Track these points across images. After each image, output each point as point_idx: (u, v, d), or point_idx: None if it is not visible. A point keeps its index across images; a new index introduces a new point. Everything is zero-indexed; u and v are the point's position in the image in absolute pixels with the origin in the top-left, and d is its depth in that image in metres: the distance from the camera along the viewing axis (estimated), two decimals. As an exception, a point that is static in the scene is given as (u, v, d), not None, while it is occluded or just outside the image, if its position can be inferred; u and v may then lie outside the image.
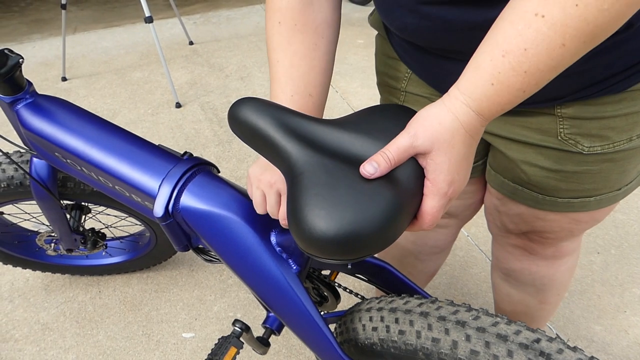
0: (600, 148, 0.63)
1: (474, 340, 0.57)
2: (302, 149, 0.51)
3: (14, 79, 0.80)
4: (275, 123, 0.52)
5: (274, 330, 0.84)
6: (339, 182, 0.48)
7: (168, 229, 0.75)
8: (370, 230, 0.46)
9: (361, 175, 0.49)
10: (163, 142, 2.12)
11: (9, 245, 1.31)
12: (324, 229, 0.46)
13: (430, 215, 0.51)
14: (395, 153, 0.48)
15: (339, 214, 0.46)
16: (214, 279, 1.50)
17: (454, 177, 0.49)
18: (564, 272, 0.91)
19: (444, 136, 0.47)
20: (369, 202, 0.47)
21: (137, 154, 0.76)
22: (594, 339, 1.33)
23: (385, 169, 0.48)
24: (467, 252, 1.58)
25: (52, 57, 2.87)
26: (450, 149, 0.47)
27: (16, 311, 1.41)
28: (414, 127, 0.48)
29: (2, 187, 1.03)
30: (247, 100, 0.54)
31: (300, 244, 0.49)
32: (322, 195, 0.47)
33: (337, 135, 0.53)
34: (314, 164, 0.50)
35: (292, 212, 0.49)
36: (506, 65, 0.43)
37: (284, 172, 0.53)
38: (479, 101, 0.46)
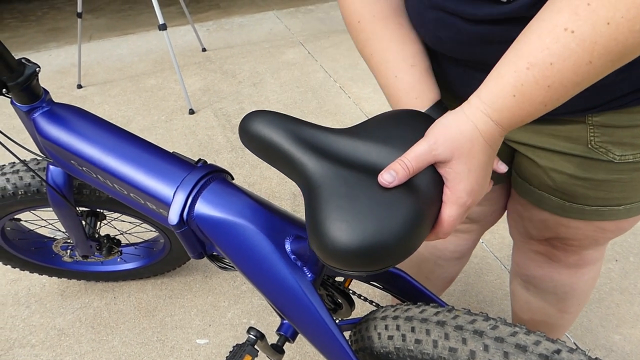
0: (632, 157, 0.62)
1: (492, 350, 0.56)
2: (318, 160, 0.51)
3: (31, 88, 0.81)
4: (289, 135, 0.52)
5: (288, 337, 0.84)
6: (358, 193, 0.48)
7: (183, 237, 0.75)
8: (393, 241, 0.46)
9: (380, 184, 0.48)
10: (176, 148, 2.14)
11: (26, 252, 1.32)
12: (346, 241, 0.46)
13: (448, 224, 0.50)
14: (414, 161, 0.48)
15: (361, 225, 0.46)
16: (228, 285, 1.51)
17: (473, 187, 0.49)
18: (586, 282, 0.89)
19: (464, 145, 0.47)
20: (390, 211, 0.46)
21: (152, 162, 0.77)
22: (613, 348, 1.31)
23: (404, 177, 0.48)
24: (482, 259, 1.57)
25: (67, 65, 2.91)
26: (470, 158, 0.47)
27: (33, 317, 1.43)
28: (434, 135, 0.48)
29: (20, 194, 1.05)
30: (258, 114, 0.54)
31: (321, 257, 0.49)
32: (342, 208, 0.47)
33: (353, 144, 0.52)
34: (331, 176, 0.49)
35: (312, 226, 0.49)
36: (530, 79, 0.43)
37: (301, 185, 0.52)
38: (500, 112, 0.45)
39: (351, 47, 2.95)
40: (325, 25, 3.27)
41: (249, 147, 0.55)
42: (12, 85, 0.78)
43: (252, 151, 0.55)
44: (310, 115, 2.31)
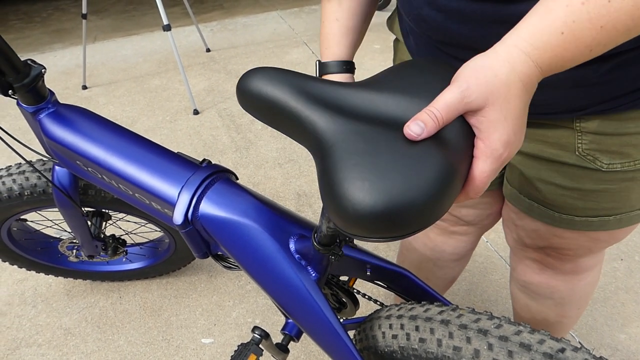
0: (620, 165, 0.61)
1: (496, 349, 0.56)
2: (329, 116, 0.44)
3: (36, 89, 0.82)
4: (294, 91, 0.46)
5: (293, 336, 0.84)
6: (380, 148, 0.41)
7: (187, 236, 0.75)
8: (423, 199, 0.40)
9: (404, 138, 0.42)
10: (181, 149, 2.14)
11: (32, 252, 1.33)
12: (370, 202, 0.39)
13: (480, 181, 0.44)
14: (443, 110, 0.41)
15: (386, 183, 0.40)
16: (233, 284, 1.51)
17: (509, 137, 0.42)
18: (583, 287, 0.88)
19: (499, 89, 0.41)
20: (418, 167, 0.40)
21: (157, 162, 0.77)
22: (618, 347, 1.30)
23: (433, 129, 0.42)
24: (486, 258, 1.57)
25: (72, 66, 2.92)
26: (506, 104, 0.41)
27: (39, 316, 1.44)
28: (465, 80, 0.41)
29: (26, 194, 1.05)
30: (258, 70, 0.48)
31: (341, 225, 0.43)
32: (362, 165, 0.41)
33: (368, 97, 0.46)
34: (346, 132, 0.43)
35: (328, 190, 0.42)
36: (583, 15, 0.38)
37: (311, 148, 0.46)
38: (542, 50, 0.40)
39: (355, 46, 2.95)
40: (329, 25, 3.27)
41: (249, 110, 0.49)
42: (18, 86, 0.79)
43: (253, 114, 0.49)
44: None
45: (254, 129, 2.24)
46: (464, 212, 0.92)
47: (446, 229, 0.98)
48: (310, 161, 2.02)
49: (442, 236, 1.00)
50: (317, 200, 1.82)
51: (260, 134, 2.21)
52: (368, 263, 0.78)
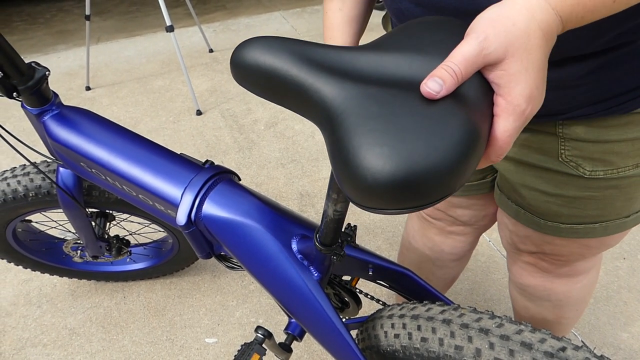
0: (602, 173, 0.61)
1: (497, 348, 0.56)
2: (336, 83, 0.40)
3: (40, 91, 0.83)
4: (295, 59, 0.42)
5: (296, 336, 0.85)
6: (397, 111, 0.38)
7: (191, 237, 0.76)
8: (449, 163, 0.36)
9: (421, 98, 0.39)
10: (184, 149, 2.15)
11: (37, 253, 1.34)
12: (392, 169, 0.36)
13: (503, 141, 0.40)
14: (462, 64, 0.38)
15: (408, 147, 0.36)
16: (236, 284, 1.52)
17: (532, 91, 0.39)
18: (580, 289, 0.88)
19: (519, 39, 0.38)
20: (441, 128, 0.37)
21: (160, 163, 0.78)
22: (620, 346, 1.30)
23: (452, 86, 0.38)
24: (489, 258, 1.57)
25: (76, 67, 2.93)
26: (526, 55, 0.38)
27: (44, 316, 1.45)
28: (483, 31, 0.38)
29: (31, 196, 1.06)
30: (253, 40, 0.44)
31: (359, 199, 0.39)
32: (378, 130, 0.37)
33: (377, 59, 0.42)
34: (357, 97, 0.39)
35: (341, 161, 0.38)
36: None
37: (318, 120, 0.42)
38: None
39: (357, 46, 2.95)
40: (331, 25, 3.27)
41: (246, 84, 0.45)
42: (22, 89, 0.80)
43: (251, 88, 0.45)
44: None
45: (256, 130, 2.25)
46: (459, 212, 0.92)
47: (443, 229, 0.98)
48: (313, 161, 2.03)
49: (439, 236, 1.01)
50: (319, 200, 1.82)
51: (263, 134, 2.21)
52: (370, 263, 0.79)
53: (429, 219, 0.99)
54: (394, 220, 1.73)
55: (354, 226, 0.76)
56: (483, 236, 1.64)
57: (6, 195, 1.06)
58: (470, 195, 0.87)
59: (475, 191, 0.86)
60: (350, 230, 0.75)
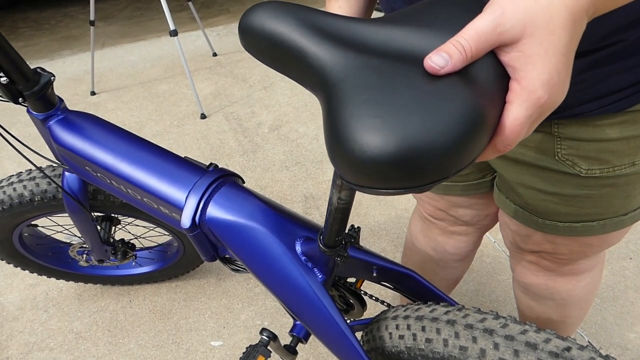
0: (599, 171, 0.61)
1: (502, 348, 0.56)
2: (339, 51, 0.39)
3: (46, 96, 0.83)
4: (301, 24, 0.41)
5: (301, 338, 0.85)
6: (395, 83, 0.35)
7: (195, 240, 0.76)
8: (444, 143, 0.34)
9: (425, 72, 0.36)
10: (189, 153, 2.16)
11: (43, 257, 1.35)
12: (381, 142, 0.33)
13: (512, 130, 0.36)
14: (473, 41, 0.34)
15: (400, 120, 0.33)
16: (241, 287, 1.52)
17: (552, 77, 0.34)
18: (583, 288, 0.88)
19: (540, 18, 0.34)
20: (439, 103, 0.34)
21: (164, 167, 0.78)
22: (627, 346, 1.29)
23: (460, 62, 0.35)
24: (494, 259, 1.56)
25: (81, 72, 2.95)
26: (547, 35, 0.34)
27: (51, 320, 1.45)
28: (500, 6, 0.34)
29: (36, 200, 1.07)
30: (262, 4, 0.43)
31: (348, 173, 0.37)
32: (373, 101, 0.35)
33: (385, 32, 0.39)
34: (357, 66, 0.37)
35: (332, 132, 0.36)
36: None
37: (317, 89, 0.41)
38: None
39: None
40: (334, 28, 3.28)
41: (252, 50, 0.44)
42: (28, 94, 0.80)
43: (257, 55, 0.44)
44: (321, 117, 2.32)
45: (260, 133, 2.25)
46: (460, 212, 0.92)
47: (445, 229, 0.99)
48: (317, 164, 2.03)
49: (442, 236, 1.01)
50: (324, 203, 1.82)
51: (267, 137, 2.22)
52: (374, 264, 0.79)
53: (431, 219, 0.99)
54: (398, 222, 1.73)
55: (357, 228, 0.76)
56: (488, 237, 1.64)
57: (12, 200, 1.07)
58: (470, 194, 0.87)
59: (475, 190, 0.86)
60: (354, 232, 0.75)
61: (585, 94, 0.55)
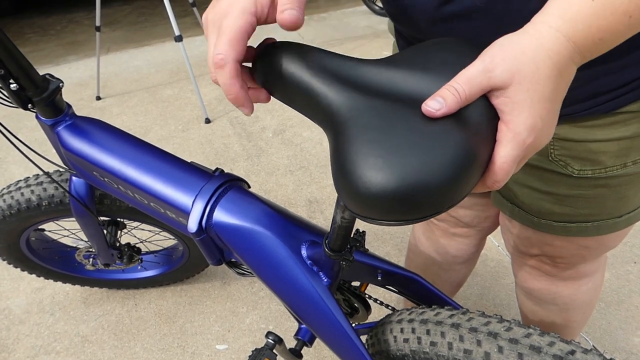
0: (591, 172, 0.61)
1: (506, 351, 0.56)
2: (344, 91, 0.43)
3: (54, 102, 0.85)
4: (312, 66, 0.45)
5: (306, 341, 0.85)
6: (395, 125, 0.39)
7: (201, 244, 0.77)
8: (439, 181, 0.37)
9: (422, 115, 0.39)
10: (193, 157, 2.17)
11: (50, 261, 1.36)
12: (382, 180, 0.37)
13: (501, 169, 0.40)
14: (466, 86, 0.38)
15: (400, 160, 0.37)
16: (246, 291, 1.53)
17: (535, 121, 0.38)
18: (586, 292, 0.88)
19: (527, 67, 0.37)
20: (435, 145, 0.38)
21: (171, 172, 0.79)
22: (632, 351, 1.29)
23: (454, 106, 0.38)
24: (498, 263, 1.56)
25: (86, 77, 2.97)
26: (533, 84, 0.38)
27: (57, 324, 1.46)
28: (490, 54, 0.38)
29: (44, 205, 1.08)
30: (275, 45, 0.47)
31: (352, 205, 0.41)
32: (376, 142, 0.39)
33: (387, 74, 0.44)
34: (361, 108, 0.41)
35: (339, 167, 0.41)
36: None
37: (325, 125, 0.45)
38: (573, 22, 0.37)
39: (364, 53, 2.96)
40: (338, 33, 3.29)
41: (264, 85, 0.48)
42: (37, 100, 0.81)
43: (268, 89, 0.48)
44: (324, 121, 2.33)
45: (265, 137, 2.26)
46: (461, 212, 0.93)
47: (447, 230, 0.99)
48: (321, 168, 2.04)
49: (444, 238, 1.01)
50: (328, 207, 1.83)
51: (272, 141, 2.23)
52: (379, 268, 0.79)
53: (432, 220, 1.00)
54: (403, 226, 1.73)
55: (362, 232, 0.77)
56: (492, 241, 1.64)
57: (20, 205, 1.08)
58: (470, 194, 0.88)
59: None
60: (359, 236, 0.76)
61: (575, 95, 0.55)
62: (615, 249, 1.57)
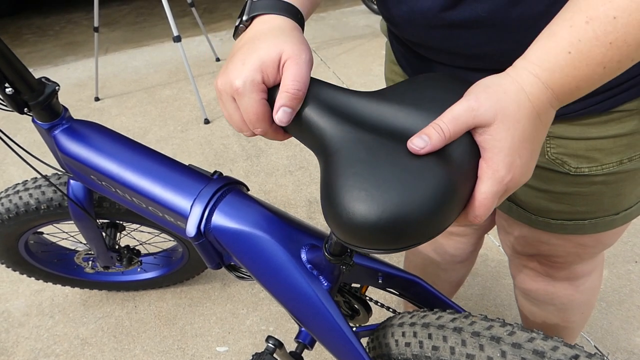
0: (587, 170, 0.62)
1: (509, 356, 0.56)
2: (336, 123, 0.45)
3: (51, 106, 0.84)
4: (307, 96, 0.47)
5: (307, 344, 0.85)
6: (381, 159, 0.42)
7: (200, 248, 0.76)
8: (418, 215, 0.40)
9: (408, 151, 0.42)
10: (192, 158, 2.17)
11: (49, 264, 1.35)
12: (364, 212, 0.40)
13: (481, 204, 0.42)
14: (451, 124, 0.40)
15: (382, 194, 0.40)
16: (246, 292, 1.52)
17: (514, 160, 0.41)
18: (583, 292, 0.88)
19: (509, 107, 0.40)
20: (417, 181, 0.40)
21: (169, 176, 0.78)
22: (634, 351, 1.29)
23: (438, 143, 0.41)
24: (498, 263, 1.56)
25: (85, 78, 2.97)
26: (514, 123, 0.40)
27: (57, 326, 1.46)
28: (475, 94, 0.41)
29: (42, 208, 1.07)
30: None
31: (337, 233, 0.43)
32: (361, 175, 0.41)
33: (378, 107, 0.46)
34: (351, 140, 0.44)
35: (326, 196, 0.43)
36: (589, 33, 0.38)
37: (316, 151, 0.48)
38: (551, 72, 0.40)
39: (364, 53, 2.96)
40: (337, 32, 3.29)
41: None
42: (33, 104, 0.81)
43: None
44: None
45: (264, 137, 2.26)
46: None
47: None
48: (320, 168, 2.03)
49: (442, 237, 1.02)
50: (328, 207, 1.82)
51: (271, 142, 2.22)
52: (380, 271, 0.79)
53: None
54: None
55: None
56: (492, 241, 1.63)
57: (18, 208, 1.08)
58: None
59: None
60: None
61: None
62: (616, 248, 1.57)
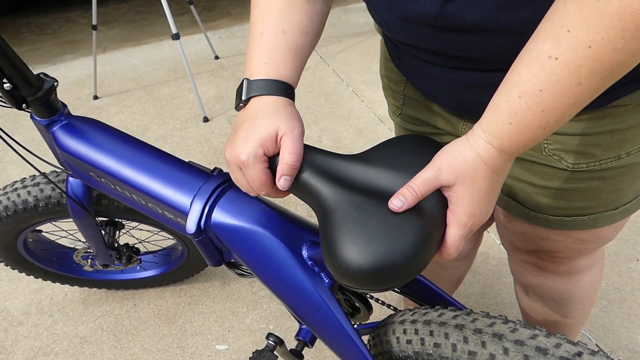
0: (585, 165, 0.62)
1: (512, 353, 0.55)
2: (330, 187, 0.56)
3: (49, 102, 0.83)
4: (303, 163, 0.57)
5: (307, 342, 0.84)
6: (369, 218, 0.52)
7: (200, 245, 0.76)
8: (401, 262, 0.50)
9: (389, 208, 0.52)
10: (192, 156, 2.16)
11: (48, 262, 1.35)
12: (359, 263, 0.50)
13: (451, 245, 0.53)
14: (421, 186, 0.51)
15: (372, 248, 0.50)
16: (246, 290, 1.52)
17: (474, 210, 0.51)
18: (583, 287, 0.88)
19: (467, 172, 0.50)
20: (399, 234, 0.51)
21: (169, 172, 0.78)
22: (636, 349, 1.29)
23: (412, 202, 0.51)
24: (499, 261, 1.56)
25: (83, 77, 2.96)
26: (472, 183, 0.50)
27: (56, 325, 1.45)
28: (439, 162, 0.51)
29: (41, 206, 1.07)
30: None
31: (335, 276, 0.53)
32: (354, 232, 0.51)
33: (363, 170, 0.57)
34: (343, 201, 0.54)
35: (326, 248, 0.53)
36: (523, 106, 0.44)
37: (314, 208, 0.57)
38: (500, 139, 0.47)
39: (363, 50, 2.95)
40: (336, 29, 3.28)
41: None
42: (31, 100, 0.80)
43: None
44: (323, 119, 2.32)
45: (263, 135, 2.25)
46: None
47: None
48: (320, 166, 2.02)
49: None
50: (328, 205, 1.82)
51: (270, 139, 2.21)
52: (381, 268, 0.78)
53: None
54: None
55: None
56: (493, 239, 1.63)
57: (17, 206, 1.07)
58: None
59: None
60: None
61: None
62: (617, 246, 1.57)
